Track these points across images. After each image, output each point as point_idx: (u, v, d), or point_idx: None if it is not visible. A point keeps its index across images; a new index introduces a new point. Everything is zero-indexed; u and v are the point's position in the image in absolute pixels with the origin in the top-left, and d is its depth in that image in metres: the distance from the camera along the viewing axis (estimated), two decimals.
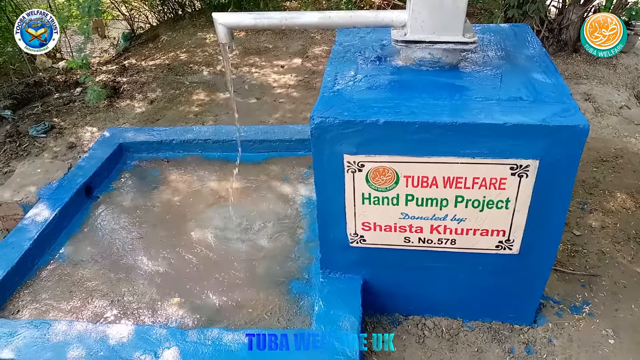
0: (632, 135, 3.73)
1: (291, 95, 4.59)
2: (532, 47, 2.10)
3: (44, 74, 5.39)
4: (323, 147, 1.70)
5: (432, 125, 1.60)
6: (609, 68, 4.81)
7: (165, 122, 4.24)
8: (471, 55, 2.02)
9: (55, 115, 4.48)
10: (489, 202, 1.77)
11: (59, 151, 3.87)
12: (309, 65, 5.25)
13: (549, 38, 5.11)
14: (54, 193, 2.72)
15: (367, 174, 1.75)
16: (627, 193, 3.00)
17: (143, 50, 6.29)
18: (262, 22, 1.90)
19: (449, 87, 1.79)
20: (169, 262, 2.39)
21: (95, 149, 3.13)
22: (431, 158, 1.68)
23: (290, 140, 3.12)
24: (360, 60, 2.04)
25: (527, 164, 1.64)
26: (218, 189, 2.89)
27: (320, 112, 1.66)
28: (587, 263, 2.49)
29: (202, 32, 6.44)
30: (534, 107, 1.64)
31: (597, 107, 4.16)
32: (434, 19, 1.77)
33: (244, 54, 5.60)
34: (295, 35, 6.05)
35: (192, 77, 5.16)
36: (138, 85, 5.01)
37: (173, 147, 3.19)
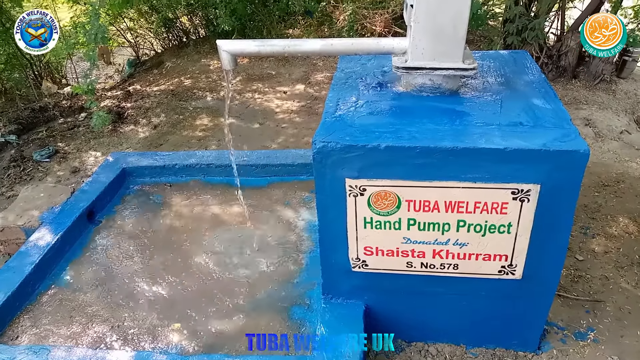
0: (633, 160, 3.74)
1: (293, 121, 4.64)
2: (531, 73, 2.13)
3: (50, 100, 5.46)
4: (325, 171, 1.71)
5: (433, 150, 1.61)
6: (608, 93, 4.85)
7: (168, 147, 4.27)
8: (471, 81, 2.05)
9: (60, 140, 4.52)
10: (491, 227, 1.77)
11: (62, 175, 3.89)
12: (311, 91, 5.31)
13: (548, 64, 5.17)
14: (56, 217, 2.73)
15: (369, 198, 1.75)
16: (629, 218, 3.00)
17: (147, 77, 6.38)
18: (266, 49, 1.93)
19: (449, 113, 1.81)
20: (170, 287, 2.38)
21: (99, 173, 3.15)
22: (433, 182, 1.69)
23: (293, 164, 3.14)
24: (362, 86, 2.06)
25: (528, 189, 1.65)
26: (220, 213, 2.89)
27: (323, 136, 1.67)
28: (591, 288, 2.47)
29: (206, 58, 6.53)
30: (534, 132, 1.66)
31: (598, 132, 4.18)
32: (434, 46, 1.80)
33: (247, 80, 5.67)
34: (298, 62, 6.14)
35: (196, 102, 5.22)
36: (142, 111, 5.07)
37: (176, 172, 3.21)
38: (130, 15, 7.40)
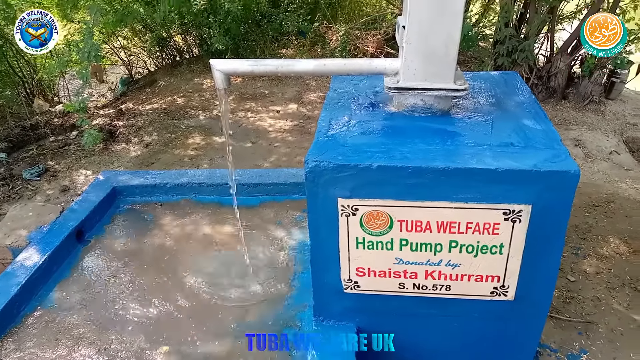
0: (622, 181, 3.77)
1: (286, 140, 4.65)
2: (521, 94, 2.15)
3: (41, 117, 5.44)
4: (317, 190, 1.71)
5: (425, 170, 1.61)
6: (597, 114, 4.92)
7: (160, 166, 4.26)
8: (462, 102, 2.06)
9: (50, 158, 4.49)
10: (483, 248, 1.76)
11: (52, 194, 3.86)
12: (304, 110, 5.34)
13: (538, 85, 5.25)
14: (44, 237, 2.69)
15: (361, 218, 1.74)
16: (620, 238, 3.01)
17: (140, 95, 6.39)
18: (259, 68, 1.94)
19: (441, 133, 1.82)
20: (159, 309, 2.34)
21: (89, 192, 3.12)
22: (425, 202, 1.69)
23: (285, 183, 3.13)
24: (354, 106, 2.07)
25: (519, 209, 1.65)
26: (211, 233, 2.86)
27: (315, 156, 1.67)
28: (583, 310, 2.47)
29: (199, 77, 6.57)
30: (525, 152, 1.66)
31: (587, 152, 4.23)
32: (425, 66, 1.81)
33: (240, 99, 5.69)
34: (291, 82, 6.19)
35: (189, 121, 5.22)
36: (134, 129, 5.06)
37: (167, 191, 3.18)
38: (124, 34, 7.44)
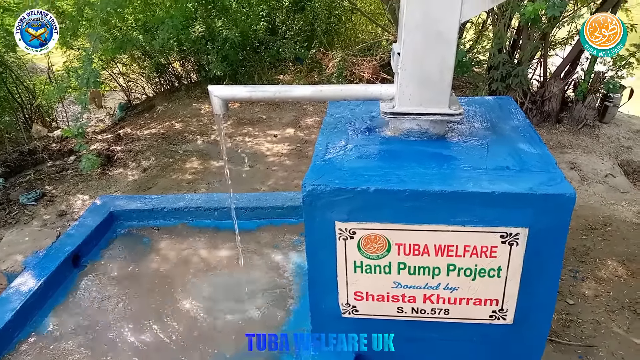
0: (618, 203, 3.79)
1: (284, 164, 4.67)
2: (516, 118, 2.18)
3: (39, 143, 5.46)
4: (315, 214, 1.71)
5: (421, 194, 1.62)
6: (592, 138, 4.97)
7: (157, 190, 4.26)
8: (458, 126, 2.09)
9: (48, 183, 4.49)
10: (481, 271, 1.76)
11: (48, 219, 3.85)
12: (301, 135, 5.38)
13: (532, 109, 5.31)
14: (40, 262, 2.67)
15: (358, 241, 1.74)
16: (617, 261, 3.01)
17: (139, 120, 6.43)
18: (257, 94, 1.96)
19: (437, 157, 1.84)
20: (155, 335, 2.31)
21: (86, 216, 3.11)
22: (422, 226, 1.69)
23: (282, 207, 3.13)
24: (351, 131, 2.09)
25: (516, 232, 1.66)
26: (208, 257, 2.85)
27: (312, 179, 1.68)
28: (583, 333, 2.45)
29: (197, 103, 6.62)
30: (520, 176, 1.68)
31: (583, 175, 4.25)
32: (421, 92, 1.84)
33: (238, 124, 5.74)
34: (288, 107, 6.25)
35: (186, 145, 5.25)
36: (132, 154, 5.08)
37: (164, 215, 3.18)
38: (123, 60, 7.53)
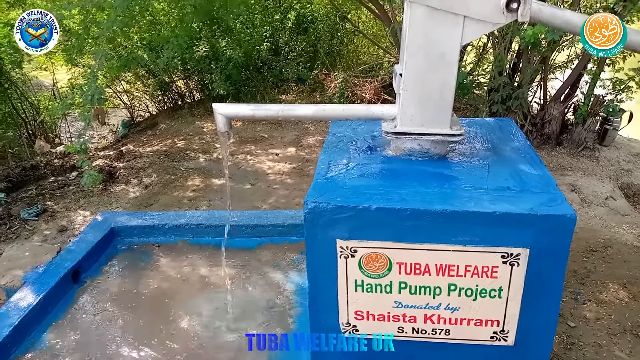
0: (619, 226, 3.79)
1: (285, 182, 4.68)
2: (516, 139, 2.20)
3: (42, 158, 5.49)
4: (316, 232, 1.72)
5: (423, 213, 1.63)
6: (592, 160, 4.99)
7: (158, 207, 4.26)
8: (459, 147, 2.10)
9: (49, 199, 4.50)
10: (482, 291, 1.75)
11: (49, 234, 3.84)
12: (303, 153, 5.40)
13: (533, 132, 5.34)
14: (39, 277, 2.67)
15: (360, 259, 1.75)
16: (619, 284, 3.00)
17: (141, 137, 6.47)
18: (260, 113, 1.99)
19: (438, 177, 1.85)
20: (153, 354, 2.29)
21: (87, 232, 3.12)
22: (423, 245, 1.69)
23: (283, 225, 3.13)
24: (353, 150, 2.11)
25: (517, 253, 1.66)
26: (209, 275, 2.84)
27: (314, 197, 1.69)
28: (585, 356, 2.43)
29: (200, 121, 6.67)
30: (521, 196, 1.69)
31: (584, 197, 4.26)
32: (422, 112, 1.87)
33: (240, 142, 5.77)
34: (290, 126, 6.29)
35: (188, 163, 5.27)
36: (134, 171, 5.10)
37: (165, 232, 3.18)
38: (128, 78, 7.61)
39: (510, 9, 1.68)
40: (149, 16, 6.80)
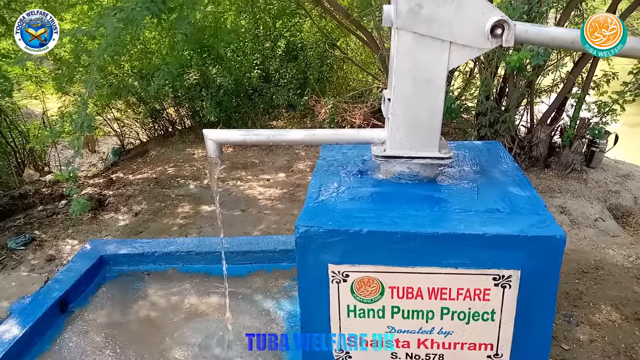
0: (609, 247, 3.80)
1: (276, 207, 4.67)
2: (505, 162, 2.23)
3: (30, 187, 5.44)
4: (308, 256, 1.71)
5: (414, 235, 1.63)
6: (580, 182, 5.04)
7: (148, 235, 4.22)
8: (448, 170, 2.12)
9: (37, 228, 4.44)
10: (475, 314, 1.74)
11: (36, 264, 3.78)
12: (294, 179, 5.41)
13: (521, 154, 5.40)
14: (26, 308, 2.61)
15: (352, 284, 1.73)
16: (611, 305, 2.99)
17: (131, 165, 6.45)
18: (251, 138, 2.00)
19: (428, 199, 1.86)
20: None
21: (75, 261, 3.07)
22: (415, 268, 1.69)
23: (274, 251, 3.11)
24: (343, 174, 2.12)
25: (509, 275, 1.66)
26: (198, 304, 2.80)
27: (305, 221, 1.69)
28: None
29: (190, 147, 6.68)
30: (511, 218, 1.70)
31: (573, 219, 4.29)
32: (411, 136, 1.89)
33: (231, 168, 5.77)
34: (281, 151, 6.31)
35: (179, 190, 5.25)
36: (124, 198, 5.07)
37: (155, 260, 3.14)
38: (118, 106, 7.63)
39: (494, 35, 1.72)
40: (140, 45, 6.86)
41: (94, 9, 5.47)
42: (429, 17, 1.71)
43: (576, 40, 1.77)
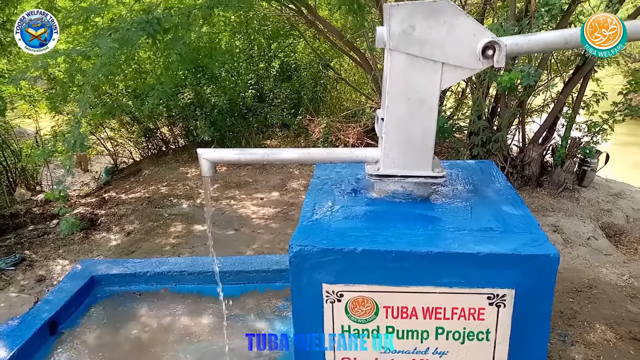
0: (602, 266, 3.81)
1: (269, 227, 4.65)
2: (497, 181, 2.24)
3: (22, 206, 5.39)
4: (302, 276, 1.70)
5: (408, 254, 1.63)
6: (572, 201, 5.07)
7: (140, 254, 4.18)
8: (441, 189, 2.13)
9: (28, 247, 4.39)
10: (470, 334, 1.73)
11: (26, 285, 3.73)
12: (287, 198, 5.40)
13: (514, 173, 5.44)
14: (14, 330, 2.56)
15: (346, 304, 1.72)
16: (605, 324, 2.99)
17: (124, 184, 6.42)
18: (245, 157, 2.00)
19: (422, 218, 1.86)
20: None
21: (65, 282, 3.03)
22: (409, 288, 1.68)
23: (267, 270, 3.09)
24: (337, 192, 2.12)
25: (503, 294, 1.65)
26: (191, 325, 2.76)
27: (299, 240, 1.68)
28: None
29: (184, 167, 6.66)
30: (504, 237, 1.70)
31: (566, 238, 4.30)
32: (404, 155, 1.90)
33: (224, 187, 5.76)
34: (275, 171, 6.31)
35: (171, 209, 5.22)
36: (116, 218, 5.03)
37: (146, 280, 3.11)
38: (112, 125, 7.63)
39: (486, 56, 1.75)
40: (134, 64, 6.90)
41: (89, 29, 5.51)
42: (421, 39, 1.74)
43: (569, 40, 1.79)
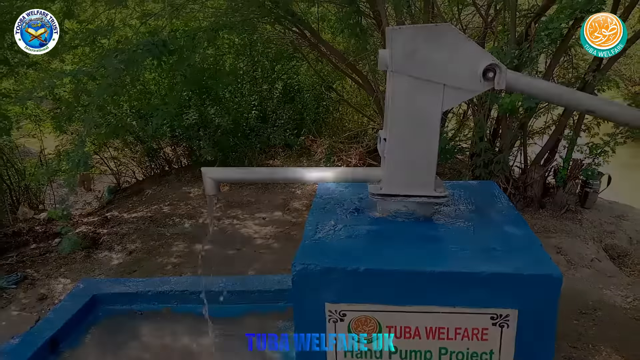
0: (606, 287, 3.79)
1: (271, 246, 4.65)
2: (500, 201, 2.25)
3: (24, 225, 5.40)
4: (304, 295, 1.70)
5: (411, 274, 1.63)
6: (575, 223, 5.06)
7: (142, 274, 4.18)
8: (444, 209, 2.14)
9: (29, 266, 4.39)
10: (473, 355, 1.72)
11: (27, 303, 3.72)
12: (290, 217, 5.40)
13: (516, 195, 5.44)
14: (15, 348, 2.55)
15: (349, 323, 1.72)
16: (611, 347, 2.96)
17: (127, 203, 6.44)
18: (249, 176, 2.02)
19: (425, 238, 1.87)
20: None
21: (67, 300, 3.02)
22: (412, 307, 1.68)
23: (269, 291, 3.07)
24: (340, 211, 2.13)
25: (506, 314, 1.65)
26: (192, 345, 2.74)
27: (302, 259, 1.69)
28: None
29: (187, 186, 6.69)
30: (507, 257, 1.71)
31: (569, 259, 4.28)
32: (407, 175, 1.91)
33: (227, 207, 5.77)
34: (277, 190, 6.33)
35: (174, 229, 5.23)
36: (118, 237, 5.03)
37: (148, 299, 3.09)
38: (116, 144, 7.68)
39: (487, 78, 1.78)
40: (139, 85, 6.98)
41: (96, 51, 5.60)
42: (423, 61, 1.77)
43: (563, 96, 1.84)
